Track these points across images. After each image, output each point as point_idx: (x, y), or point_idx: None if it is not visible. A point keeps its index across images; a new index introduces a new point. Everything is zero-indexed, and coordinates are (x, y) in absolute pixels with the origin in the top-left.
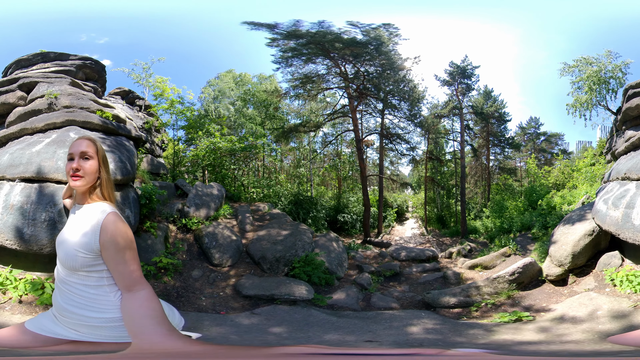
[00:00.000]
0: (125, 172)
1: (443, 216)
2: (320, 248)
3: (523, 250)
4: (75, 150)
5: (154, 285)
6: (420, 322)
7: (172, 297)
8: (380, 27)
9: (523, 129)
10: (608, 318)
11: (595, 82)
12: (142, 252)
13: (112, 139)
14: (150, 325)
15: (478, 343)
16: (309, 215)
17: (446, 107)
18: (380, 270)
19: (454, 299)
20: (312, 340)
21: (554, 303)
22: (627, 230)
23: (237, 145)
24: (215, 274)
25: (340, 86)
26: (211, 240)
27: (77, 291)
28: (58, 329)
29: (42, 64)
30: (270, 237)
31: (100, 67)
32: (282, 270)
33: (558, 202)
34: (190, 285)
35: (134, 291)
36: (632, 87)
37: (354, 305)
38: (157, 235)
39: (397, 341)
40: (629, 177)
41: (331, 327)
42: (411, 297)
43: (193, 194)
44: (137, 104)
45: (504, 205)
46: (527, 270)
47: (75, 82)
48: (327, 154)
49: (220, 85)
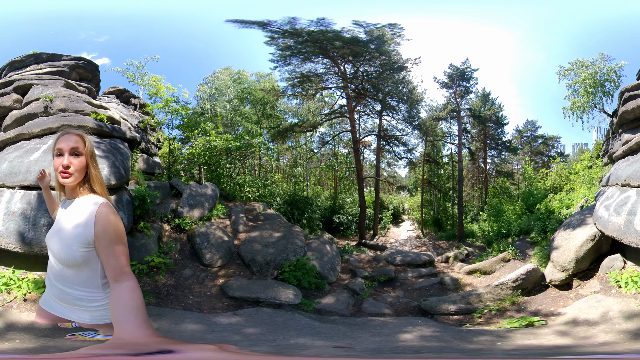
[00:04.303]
0: (119, 176)
1: (439, 219)
2: (313, 251)
3: (522, 255)
4: (65, 146)
5: (147, 283)
6: (416, 329)
7: (162, 294)
8: (386, 27)
9: (520, 132)
10: (622, 319)
11: (591, 85)
12: (135, 252)
13: (106, 143)
14: (130, 315)
15: (499, 350)
16: (304, 215)
17: (444, 109)
18: (375, 275)
19: (454, 306)
20: (276, 342)
21: (562, 307)
22: (630, 236)
23: (233, 144)
24: (205, 274)
25: (339, 86)
26: (203, 240)
27: (72, 286)
28: (61, 309)
29: (35, 65)
30: (262, 239)
31: (94, 67)
32: (272, 274)
33: (556, 206)
34: (181, 283)
35: (120, 281)
36: (627, 90)
37: (343, 310)
38: (151, 235)
39: (379, 349)
40: (630, 184)
41: (309, 331)
42: (406, 303)
43: (187, 194)
44: (132, 102)
45: (501, 209)
46: (531, 276)
47: (69, 83)
48: (324, 154)
49: (216, 83)
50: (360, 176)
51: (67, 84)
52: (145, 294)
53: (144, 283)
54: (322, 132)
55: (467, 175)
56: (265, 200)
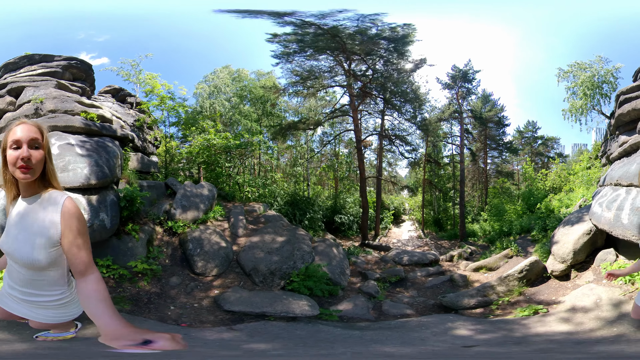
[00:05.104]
0: (102, 175)
1: (440, 219)
2: (319, 255)
3: (524, 251)
4: (24, 137)
5: (127, 289)
6: (458, 325)
7: (141, 302)
8: (400, 26)
9: (520, 133)
10: (608, 306)
11: (589, 88)
12: (121, 255)
13: (92, 142)
14: (106, 308)
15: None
16: (306, 216)
17: (447, 110)
18: (385, 276)
19: (473, 300)
20: (332, 356)
21: (562, 296)
22: (618, 228)
23: (232, 142)
24: (195, 283)
25: (343, 84)
26: (195, 246)
27: (41, 289)
28: (19, 307)
29: (28, 67)
30: (264, 244)
31: (87, 66)
32: (278, 284)
33: (556, 206)
34: (166, 292)
35: (86, 275)
36: (623, 92)
37: (366, 315)
38: (139, 238)
39: (504, 342)
40: (620, 184)
41: (356, 340)
42: (423, 302)
43: (180, 195)
44: (129, 101)
45: (502, 209)
46: (534, 267)
47: (62, 83)
48: (324, 154)
49: (216, 81)
50: (362, 176)
51: (59, 85)
52: (121, 299)
53: (124, 289)
54: (322, 132)
55: (468, 175)
56: (266, 200)
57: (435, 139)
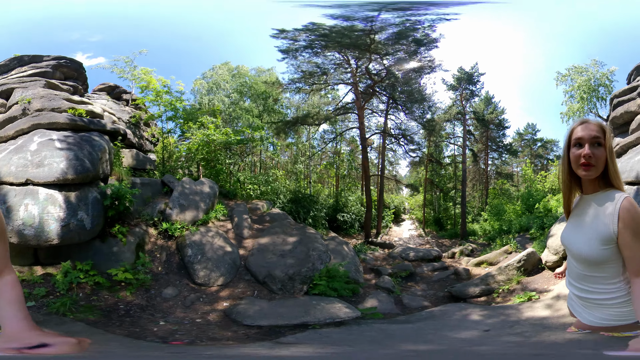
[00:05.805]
0: (82, 169)
1: (440, 218)
2: (332, 253)
3: (522, 248)
4: (586, 135)
5: (102, 298)
6: (470, 312)
7: (117, 314)
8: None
9: (520, 135)
10: None
11: (585, 91)
12: (103, 260)
13: (76, 136)
14: (15, 311)
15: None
16: (309, 214)
17: (450, 111)
18: (396, 271)
19: (478, 288)
20: None
21: (552, 285)
22: None
23: (233, 138)
24: (196, 295)
25: (348, 82)
26: (196, 252)
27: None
28: None
29: (19, 68)
30: (275, 246)
31: (78, 65)
32: (300, 290)
33: (554, 206)
34: (155, 305)
35: (1, 277)
36: (616, 96)
37: (393, 310)
38: (127, 241)
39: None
40: None
41: (418, 333)
42: (434, 294)
43: (178, 192)
44: (124, 98)
45: (502, 209)
46: (530, 258)
47: (51, 83)
48: (325, 152)
49: (214, 78)
50: (366, 175)
51: (48, 84)
52: (88, 309)
53: (99, 297)
54: (324, 129)
55: (469, 176)
56: (268, 198)
57: (438, 139)
